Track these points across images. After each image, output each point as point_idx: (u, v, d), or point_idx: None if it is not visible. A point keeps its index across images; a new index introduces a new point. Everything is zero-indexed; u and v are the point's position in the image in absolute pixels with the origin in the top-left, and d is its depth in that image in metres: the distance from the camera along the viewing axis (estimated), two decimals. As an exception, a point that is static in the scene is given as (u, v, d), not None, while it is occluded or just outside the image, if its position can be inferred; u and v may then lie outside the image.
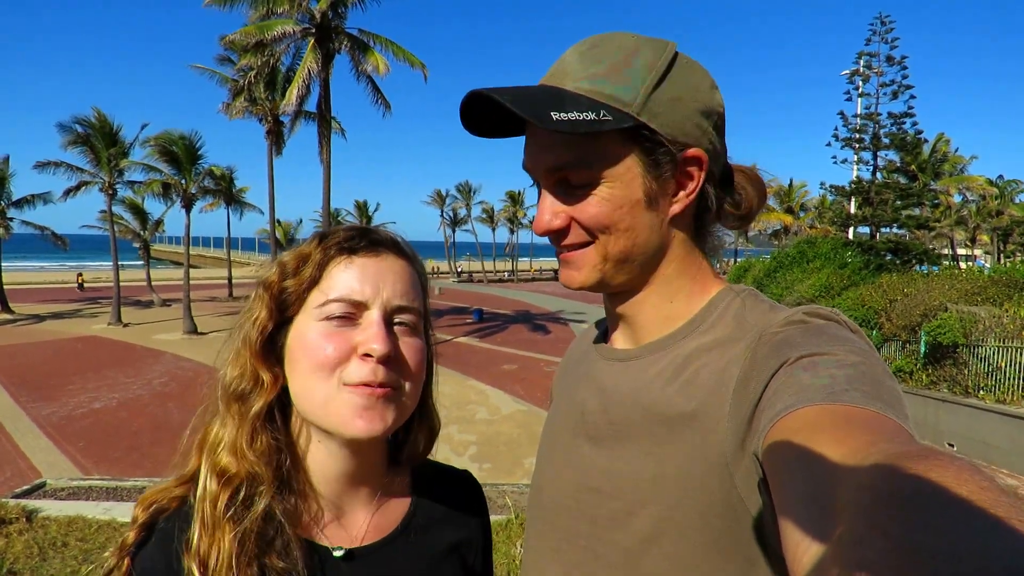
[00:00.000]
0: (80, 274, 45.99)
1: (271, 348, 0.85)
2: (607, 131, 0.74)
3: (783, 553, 0.44)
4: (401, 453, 0.96)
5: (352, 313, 0.81)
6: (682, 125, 0.77)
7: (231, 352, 0.86)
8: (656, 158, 0.77)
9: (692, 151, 0.78)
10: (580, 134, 0.73)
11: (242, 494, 0.78)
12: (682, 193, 0.80)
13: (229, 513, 0.76)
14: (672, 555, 0.73)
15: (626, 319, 0.88)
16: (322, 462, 0.85)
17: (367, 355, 0.79)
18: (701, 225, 0.86)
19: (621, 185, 0.77)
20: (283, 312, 0.84)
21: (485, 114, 0.78)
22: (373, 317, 0.81)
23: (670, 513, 0.74)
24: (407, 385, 0.84)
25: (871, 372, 0.60)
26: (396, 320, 0.84)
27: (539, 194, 0.83)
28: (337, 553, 0.84)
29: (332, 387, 0.80)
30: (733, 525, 0.71)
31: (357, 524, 0.88)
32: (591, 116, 0.72)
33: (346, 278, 0.82)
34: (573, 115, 0.72)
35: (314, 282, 0.83)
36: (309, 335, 0.81)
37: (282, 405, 0.85)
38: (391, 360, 0.81)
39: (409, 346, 0.84)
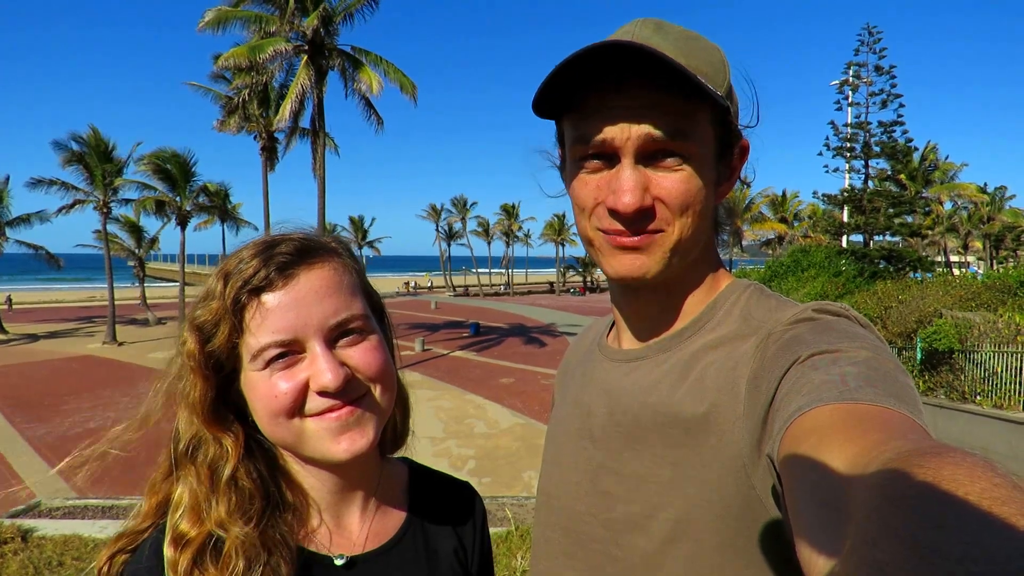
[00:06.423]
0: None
1: (223, 405, 0.81)
2: (703, 106, 0.73)
3: (798, 554, 0.44)
4: (384, 435, 0.95)
5: (291, 350, 0.76)
6: (736, 118, 0.81)
7: (182, 412, 0.81)
8: (729, 142, 0.80)
9: (744, 141, 0.83)
10: (710, 96, 0.70)
11: (207, 553, 0.74)
12: (726, 183, 0.83)
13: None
14: (692, 557, 0.73)
15: (641, 314, 0.86)
16: (315, 475, 0.85)
17: (323, 391, 0.76)
18: (715, 217, 0.87)
19: (703, 164, 0.76)
20: (220, 373, 0.79)
21: (585, 73, 0.71)
22: (315, 350, 0.76)
23: (689, 515, 0.73)
24: (376, 388, 0.81)
25: (883, 368, 0.59)
26: (340, 335, 0.79)
27: (618, 168, 0.75)
28: (339, 561, 0.84)
29: (297, 424, 0.77)
30: (752, 526, 0.70)
31: (356, 531, 0.88)
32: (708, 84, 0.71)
33: (269, 322, 0.75)
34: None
35: (239, 332, 0.77)
36: (258, 386, 0.77)
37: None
38: (350, 379, 0.78)
39: (364, 351, 0.80)
